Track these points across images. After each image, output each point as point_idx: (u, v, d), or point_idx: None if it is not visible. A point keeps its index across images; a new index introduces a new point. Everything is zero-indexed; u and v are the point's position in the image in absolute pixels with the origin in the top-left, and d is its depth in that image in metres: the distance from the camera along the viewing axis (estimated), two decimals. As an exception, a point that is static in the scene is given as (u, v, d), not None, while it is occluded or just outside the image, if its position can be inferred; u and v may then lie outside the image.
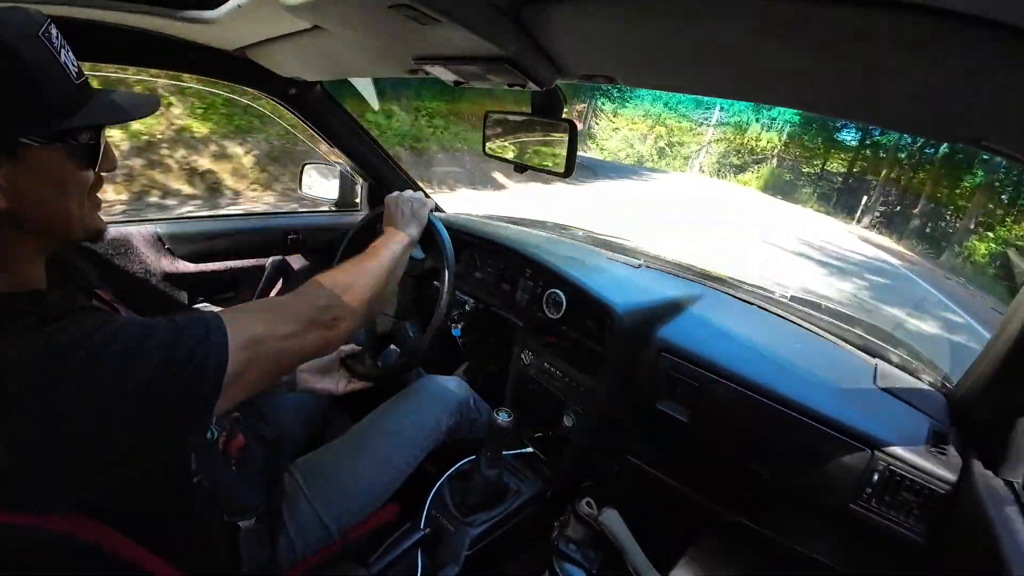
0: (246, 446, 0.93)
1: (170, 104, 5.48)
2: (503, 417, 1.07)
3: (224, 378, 0.57)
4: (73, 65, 0.57)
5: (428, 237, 1.09)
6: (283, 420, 1.14)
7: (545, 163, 1.03)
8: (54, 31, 0.55)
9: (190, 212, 4.82)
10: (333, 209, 1.85)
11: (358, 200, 1.87)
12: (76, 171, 0.59)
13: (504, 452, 1.26)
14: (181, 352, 0.55)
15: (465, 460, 1.22)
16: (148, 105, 0.66)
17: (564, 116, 0.99)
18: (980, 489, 0.81)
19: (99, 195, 0.66)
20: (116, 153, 0.66)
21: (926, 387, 1.13)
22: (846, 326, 1.33)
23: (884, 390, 1.08)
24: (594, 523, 1.24)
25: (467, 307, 1.51)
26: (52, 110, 0.55)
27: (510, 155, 1.11)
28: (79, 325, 0.52)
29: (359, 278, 0.81)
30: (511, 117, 1.10)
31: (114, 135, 4.48)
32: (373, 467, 1.03)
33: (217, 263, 1.54)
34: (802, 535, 1.10)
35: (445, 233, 1.11)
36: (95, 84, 0.63)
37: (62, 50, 0.56)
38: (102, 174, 0.65)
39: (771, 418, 1.02)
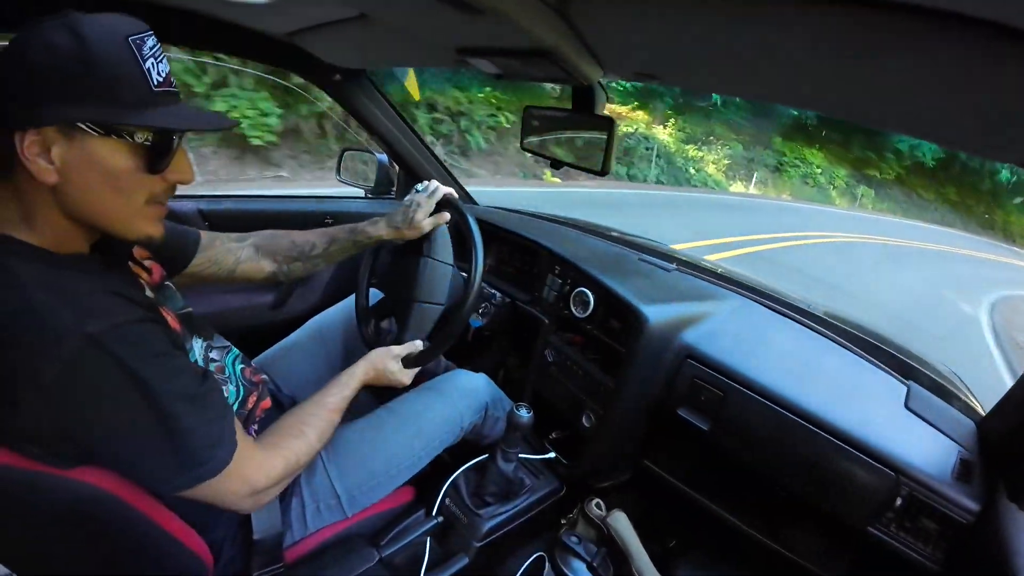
0: (270, 408, 0.96)
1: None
2: (522, 412, 1.07)
3: (194, 487, 0.66)
4: (159, 75, 0.60)
5: (458, 231, 1.10)
6: (301, 387, 1.17)
7: (582, 160, 1.02)
8: (150, 42, 0.60)
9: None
10: (369, 196, 1.88)
11: (394, 188, 1.90)
12: (133, 171, 0.62)
13: (525, 456, 1.26)
14: (210, 434, 0.66)
15: (483, 456, 1.23)
16: (219, 122, 0.69)
17: (603, 113, 0.98)
18: (1003, 521, 0.79)
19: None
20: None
21: (957, 413, 1.09)
22: (880, 344, 1.28)
23: (914, 413, 1.04)
24: (602, 524, 1.23)
25: (493, 301, 1.51)
26: (114, 104, 0.58)
27: (547, 151, 1.11)
28: (148, 340, 0.62)
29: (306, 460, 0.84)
30: (550, 113, 1.10)
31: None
32: (391, 449, 1.05)
33: None
34: (816, 553, 1.08)
35: (476, 226, 1.11)
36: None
37: (150, 59, 0.60)
38: (173, 183, 0.68)
39: (796, 433, 1.00)
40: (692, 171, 16.66)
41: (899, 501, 0.90)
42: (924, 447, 0.96)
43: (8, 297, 0.55)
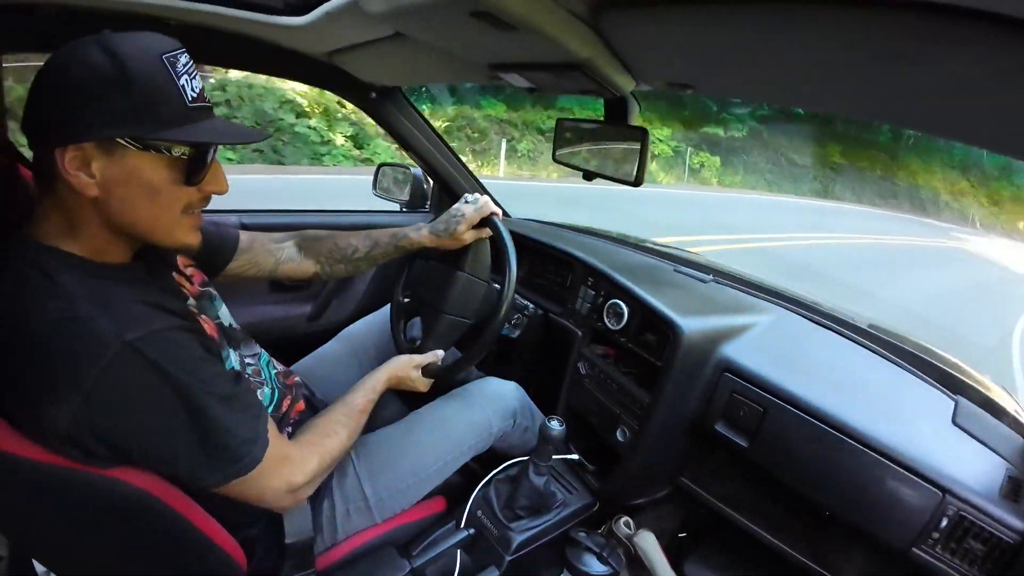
0: (304, 411, 0.99)
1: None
2: (555, 425, 1.06)
3: (230, 483, 0.68)
4: (192, 91, 0.63)
5: (493, 244, 1.10)
6: (335, 394, 1.19)
7: (615, 171, 1.02)
8: (183, 59, 0.63)
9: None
10: (404, 210, 1.91)
11: (428, 203, 1.93)
12: (171, 184, 0.65)
13: (556, 459, 1.25)
14: (239, 435, 0.67)
15: (511, 462, 1.22)
16: (252, 135, 0.73)
17: (636, 124, 0.98)
18: None
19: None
20: None
21: (1006, 429, 1.04)
22: (927, 358, 1.23)
23: (962, 429, 1.00)
24: (629, 544, 1.20)
25: (526, 312, 1.51)
26: (152, 120, 0.61)
27: (579, 162, 1.11)
28: (184, 346, 0.65)
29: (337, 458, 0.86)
30: (582, 124, 1.10)
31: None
32: (419, 452, 1.05)
33: None
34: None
35: (509, 238, 1.12)
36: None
37: (184, 75, 0.63)
38: (208, 194, 0.71)
39: (839, 451, 0.96)
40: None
41: (945, 521, 0.86)
42: (971, 464, 0.92)
43: (54, 306, 0.58)
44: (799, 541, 1.11)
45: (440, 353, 1.10)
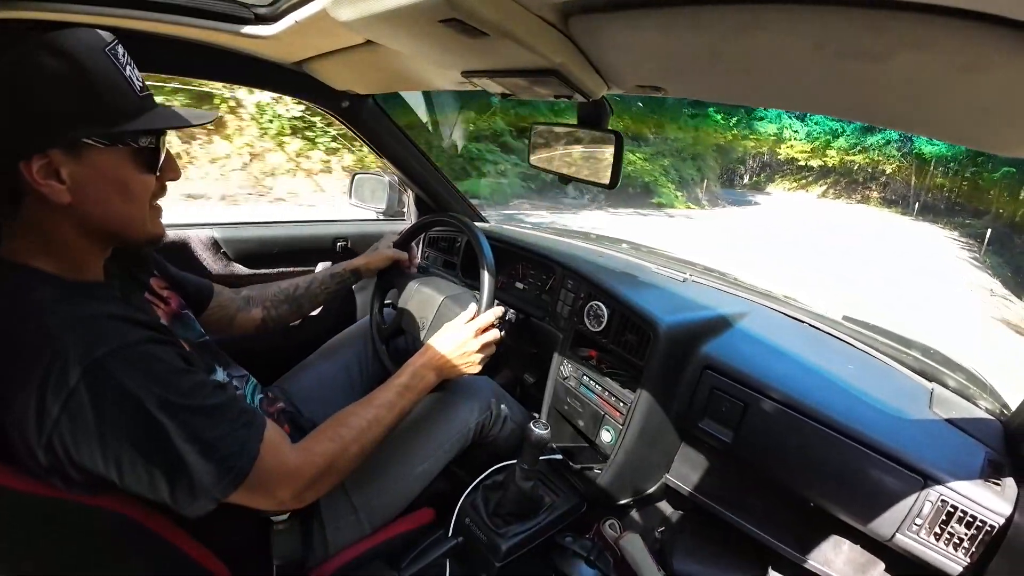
0: (291, 433, 0.97)
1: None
2: (539, 428, 1.06)
3: (215, 502, 0.65)
4: (137, 80, 0.63)
5: (469, 249, 1.11)
6: (316, 410, 1.17)
7: (590, 175, 1.02)
8: (120, 50, 0.62)
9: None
10: (381, 218, 1.90)
11: (405, 210, 1.92)
12: (137, 175, 0.65)
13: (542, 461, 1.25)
14: (224, 448, 0.64)
15: (497, 467, 1.22)
16: (204, 116, 0.72)
17: (609, 128, 0.99)
18: None
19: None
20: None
21: (983, 414, 1.07)
22: (902, 347, 1.26)
23: (939, 416, 1.02)
24: (615, 546, 1.21)
25: (508, 317, 1.51)
26: (114, 115, 0.60)
27: (555, 166, 1.11)
28: (159, 357, 0.62)
29: (351, 462, 0.85)
30: (557, 128, 1.10)
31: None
32: (403, 454, 1.05)
33: (270, 268, 1.60)
34: (845, 566, 1.05)
35: (486, 245, 1.12)
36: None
37: (127, 66, 0.62)
38: (165, 182, 0.70)
39: (820, 442, 0.98)
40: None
41: (928, 506, 0.88)
42: (951, 450, 0.94)
43: (27, 328, 0.56)
44: (786, 534, 1.12)
45: (499, 310, 1.10)
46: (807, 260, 10.48)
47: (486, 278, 1.09)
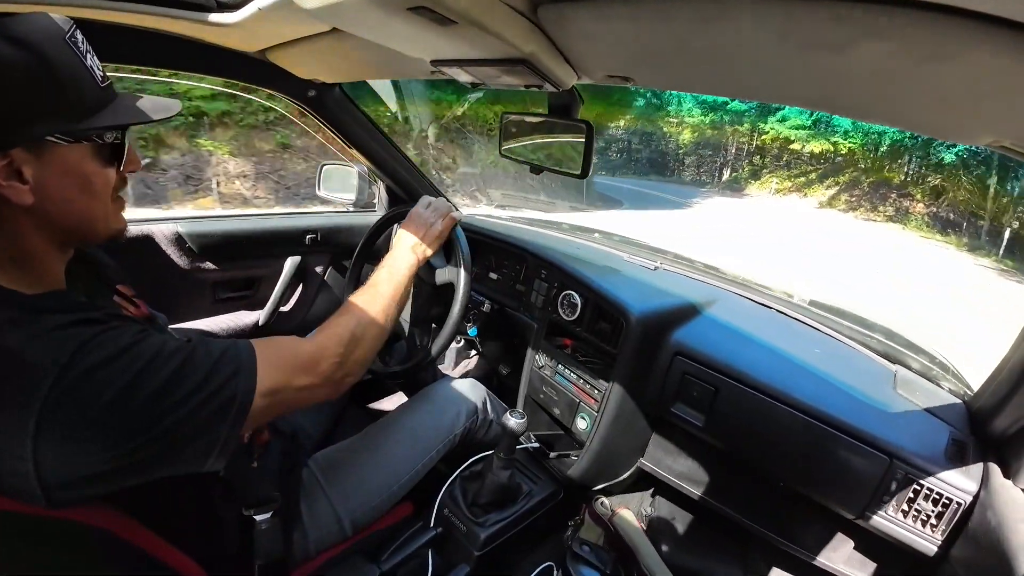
0: (269, 441, 0.95)
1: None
2: (516, 419, 1.07)
3: (242, 422, 0.61)
4: (98, 69, 0.59)
5: (446, 241, 1.10)
6: (297, 415, 1.15)
7: (562, 164, 1.02)
8: (79, 36, 0.57)
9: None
10: (351, 209, 1.87)
11: (376, 201, 1.89)
12: (100, 170, 0.61)
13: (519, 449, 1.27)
14: (212, 386, 0.59)
15: (475, 458, 1.23)
16: (169, 108, 0.68)
17: (580, 117, 0.99)
18: (998, 499, 0.80)
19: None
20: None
21: (946, 394, 1.11)
22: (866, 331, 1.30)
23: (904, 397, 1.06)
24: (609, 523, 1.23)
25: (483, 308, 1.51)
26: (78, 109, 0.57)
27: (526, 156, 1.11)
28: (115, 340, 0.56)
29: (370, 328, 0.84)
30: (528, 118, 1.10)
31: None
32: (390, 465, 1.05)
33: (237, 262, 1.56)
34: (816, 543, 1.09)
35: (463, 237, 1.11)
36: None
37: (88, 54, 0.58)
38: (125, 175, 0.67)
39: (788, 424, 1.01)
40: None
41: (894, 485, 0.91)
42: (915, 430, 0.97)
43: None
44: (759, 514, 1.16)
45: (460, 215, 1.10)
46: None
47: (463, 280, 1.10)
